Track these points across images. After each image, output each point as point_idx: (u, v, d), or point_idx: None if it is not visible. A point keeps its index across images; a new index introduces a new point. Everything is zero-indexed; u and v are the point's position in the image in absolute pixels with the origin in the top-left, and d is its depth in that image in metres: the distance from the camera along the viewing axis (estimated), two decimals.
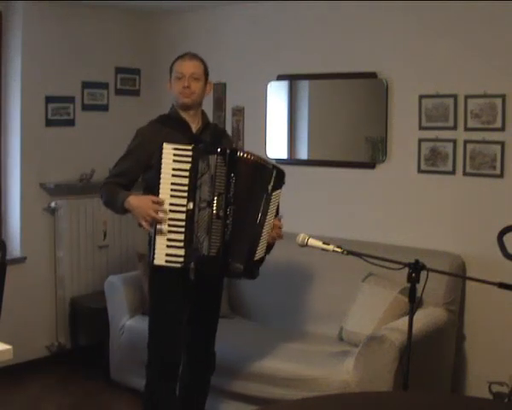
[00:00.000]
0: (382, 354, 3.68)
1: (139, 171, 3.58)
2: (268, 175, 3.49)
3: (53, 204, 5.15)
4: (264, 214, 3.47)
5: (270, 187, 3.48)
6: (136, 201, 3.43)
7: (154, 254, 3.34)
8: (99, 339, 5.02)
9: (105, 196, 3.59)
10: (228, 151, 3.41)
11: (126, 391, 4.59)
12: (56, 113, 5.20)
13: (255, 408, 3.92)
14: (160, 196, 3.36)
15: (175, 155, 3.37)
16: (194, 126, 3.62)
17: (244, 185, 3.41)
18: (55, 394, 4.76)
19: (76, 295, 5.24)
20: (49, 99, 5.13)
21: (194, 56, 3.66)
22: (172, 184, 3.36)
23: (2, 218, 5.12)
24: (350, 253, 3.42)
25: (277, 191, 3.53)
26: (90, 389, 4.84)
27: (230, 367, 4.09)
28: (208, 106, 5.39)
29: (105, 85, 5.50)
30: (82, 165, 5.29)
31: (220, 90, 5.36)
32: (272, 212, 3.51)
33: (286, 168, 5.15)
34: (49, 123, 5.16)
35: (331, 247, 3.42)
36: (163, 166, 3.36)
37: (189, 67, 3.59)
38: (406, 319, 3.32)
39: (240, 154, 3.45)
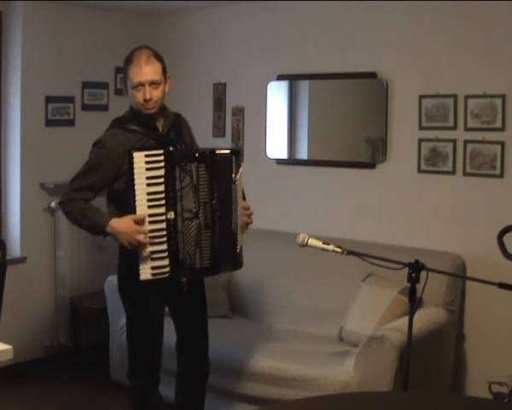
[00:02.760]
0: (382, 354, 3.68)
1: (106, 184, 3.33)
2: (230, 163, 3.31)
3: (53, 204, 5.14)
4: (236, 202, 3.32)
5: (234, 174, 3.31)
6: (119, 225, 3.21)
7: (138, 269, 3.19)
8: (99, 339, 5.02)
9: (76, 215, 3.31)
10: (207, 154, 3.25)
11: (126, 391, 4.58)
12: (56, 113, 5.20)
13: (255, 408, 3.92)
14: (138, 209, 3.17)
15: (147, 162, 3.16)
16: (160, 125, 3.39)
17: (222, 184, 3.28)
18: (55, 394, 4.75)
19: (76, 295, 5.25)
20: (49, 99, 5.13)
21: (149, 57, 3.31)
22: (148, 194, 3.17)
23: (2, 218, 5.12)
24: (350, 253, 3.42)
25: (240, 172, 3.34)
26: (90, 389, 4.84)
27: (230, 367, 4.08)
28: (208, 106, 5.40)
29: (105, 85, 5.50)
30: (82, 165, 5.27)
31: (220, 90, 5.36)
32: (240, 195, 3.37)
33: (286, 168, 5.23)
34: (49, 123, 5.16)
35: (331, 247, 3.42)
36: (136, 175, 3.15)
37: (147, 75, 3.26)
38: (406, 319, 3.32)
39: (215, 154, 3.29)
